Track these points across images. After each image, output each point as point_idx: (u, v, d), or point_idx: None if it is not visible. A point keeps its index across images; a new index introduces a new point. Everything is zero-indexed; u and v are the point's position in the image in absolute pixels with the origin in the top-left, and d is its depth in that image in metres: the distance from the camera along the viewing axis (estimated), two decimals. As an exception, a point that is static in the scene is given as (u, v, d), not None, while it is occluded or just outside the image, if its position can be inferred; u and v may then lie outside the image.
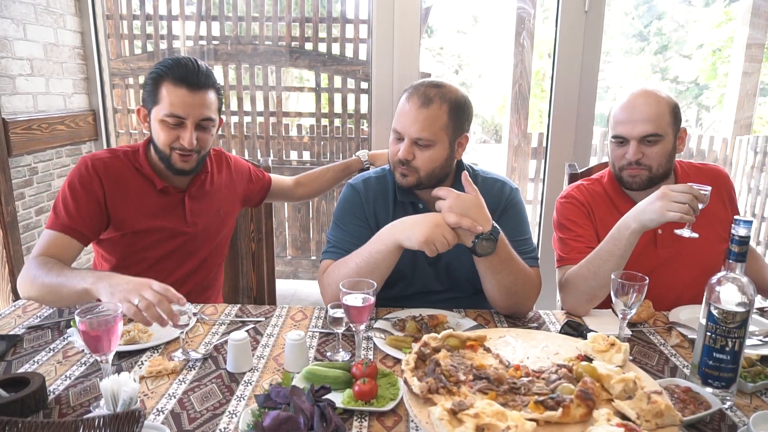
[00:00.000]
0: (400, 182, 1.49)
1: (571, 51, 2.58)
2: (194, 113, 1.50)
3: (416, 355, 0.97)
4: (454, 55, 14.35)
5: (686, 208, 1.34)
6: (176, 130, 1.51)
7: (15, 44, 2.14)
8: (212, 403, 1.07)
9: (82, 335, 1.01)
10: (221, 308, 1.52)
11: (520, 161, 4.09)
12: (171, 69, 1.48)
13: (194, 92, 1.49)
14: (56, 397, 1.09)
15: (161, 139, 1.52)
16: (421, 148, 1.43)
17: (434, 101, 1.40)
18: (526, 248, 1.53)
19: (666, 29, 11.90)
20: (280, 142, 3.63)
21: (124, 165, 1.59)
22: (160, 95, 1.49)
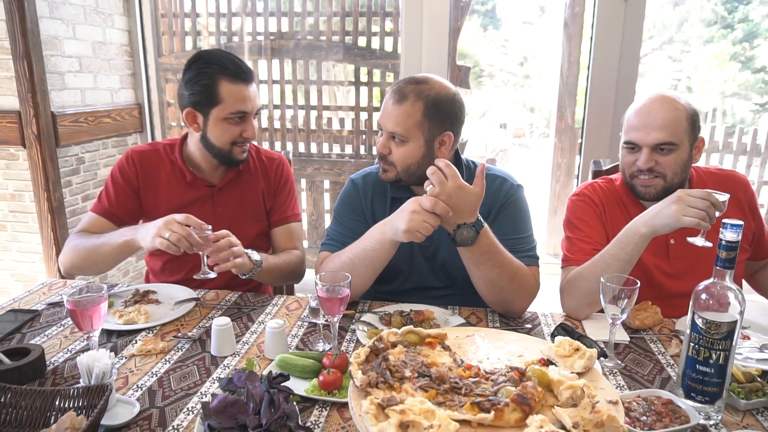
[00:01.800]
0: (381, 177, 1.51)
1: (609, 42, 2.46)
2: (254, 105, 1.59)
3: (369, 349, 0.98)
4: (519, 47, 13.97)
5: (703, 214, 1.26)
6: (240, 125, 1.59)
7: (65, 43, 2.32)
8: (188, 383, 1.13)
9: (69, 313, 1.10)
10: (222, 294, 1.59)
11: (567, 157, 3.93)
12: (223, 68, 1.53)
13: (249, 85, 1.57)
14: (54, 369, 1.19)
15: (225, 137, 1.58)
16: (397, 144, 1.44)
17: (408, 98, 1.40)
18: (523, 246, 1.49)
19: (754, 15, 10.96)
20: (320, 136, 3.71)
21: (160, 158, 1.70)
22: (219, 95, 1.54)
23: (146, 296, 1.53)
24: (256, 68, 3.61)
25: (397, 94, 1.42)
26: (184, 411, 1.04)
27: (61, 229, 2.31)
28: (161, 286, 1.60)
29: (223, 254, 1.42)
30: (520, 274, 1.41)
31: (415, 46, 2.57)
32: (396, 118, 1.41)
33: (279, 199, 1.79)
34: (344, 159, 3.75)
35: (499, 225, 1.49)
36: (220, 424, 0.90)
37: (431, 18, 2.53)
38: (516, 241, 1.49)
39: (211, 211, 1.69)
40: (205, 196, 1.69)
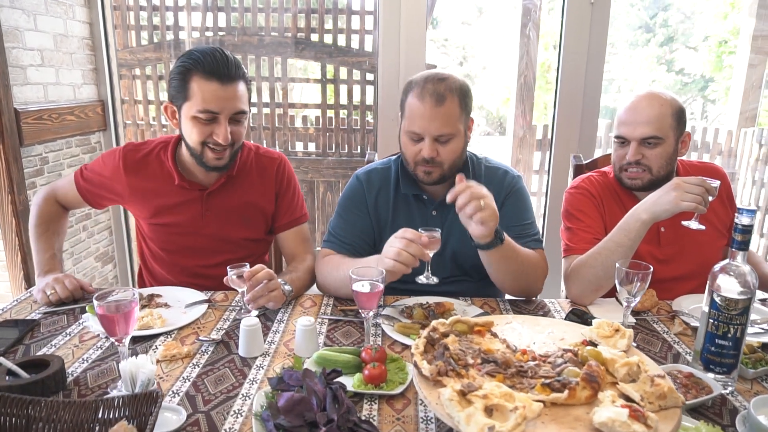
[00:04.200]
0: (425, 180, 1.50)
1: (577, 42, 2.58)
2: (228, 107, 1.44)
3: (425, 340, 1.00)
4: (459, 47, 14.29)
5: (699, 198, 1.37)
6: (209, 125, 1.46)
7: (26, 35, 2.16)
8: (226, 386, 1.10)
9: (99, 319, 1.04)
10: (232, 296, 1.55)
11: (525, 153, 4.10)
12: (200, 62, 1.42)
13: (226, 85, 1.43)
14: (75, 379, 1.12)
15: (194, 137, 1.47)
16: (443, 144, 1.45)
17: (446, 97, 1.42)
18: (529, 231, 1.57)
19: (672, 20, 11.82)
20: (285, 134, 3.65)
21: (151, 157, 1.61)
22: (190, 91, 1.43)
23: (153, 300, 1.47)
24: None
25: (434, 96, 1.41)
26: (231, 414, 1.01)
27: (26, 233, 2.15)
28: (165, 289, 1.54)
29: (259, 289, 1.36)
30: (535, 261, 1.49)
31: (393, 44, 2.59)
32: (441, 120, 1.42)
33: (284, 202, 1.71)
34: (310, 157, 3.71)
35: (505, 214, 1.56)
36: (290, 422, 0.89)
37: (409, 16, 2.56)
38: (522, 228, 1.56)
39: (200, 214, 1.62)
40: (195, 199, 1.61)
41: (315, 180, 3.73)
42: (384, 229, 1.60)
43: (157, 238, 1.66)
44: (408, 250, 1.29)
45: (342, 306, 1.49)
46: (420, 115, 1.43)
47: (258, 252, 1.76)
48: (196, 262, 1.66)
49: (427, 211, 1.59)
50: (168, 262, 1.68)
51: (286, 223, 1.72)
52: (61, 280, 1.46)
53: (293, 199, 1.73)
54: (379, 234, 1.62)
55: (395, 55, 2.60)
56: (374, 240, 1.62)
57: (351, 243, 1.59)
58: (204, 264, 1.66)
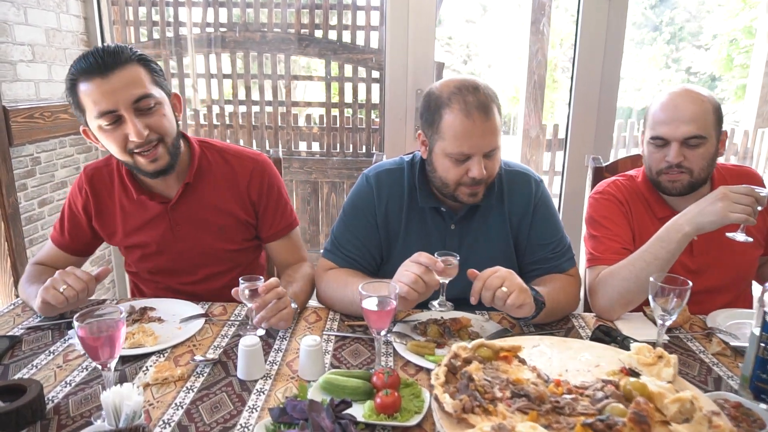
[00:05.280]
0: (469, 201, 1.38)
1: (594, 39, 2.47)
2: (122, 98, 1.24)
3: (446, 368, 0.89)
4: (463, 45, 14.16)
5: (749, 209, 1.26)
6: (119, 128, 1.27)
7: (16, 29, 2.05)
8: (222, 415, 0.99)
9: (81, 341, 0.93)
10: (231, 308, 1.44)
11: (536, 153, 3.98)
12: (78, 69, 1.26)
13: (110, 76, 1.24)
14: (55, 406, 1.01)
15: (114, 149, 1.31)
16: (490, 158, 1.33)
17: (492, 109, 1.29)
18: (562, 248, 1.47)
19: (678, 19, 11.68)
20: (289, 133, 3.54)
21: (112, 174, 1.48)
22: (81, 101, 1.27)
23: (145, 314, 1.36)
24: (219, 61, 3.40)
25: (481, 110, 1.27)
26: (228, 449, 0.91)
27: (17, 238, 2.05)
28: (159, 302, 1.43)
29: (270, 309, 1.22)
30: (569, 293, 1.41)
31: (401, 41, 2.48)
32: (492, 134, 1.30)
33: (267, 212, 1.54)
34: (314, 157, 3.60)
35: (535, 231, 1.46)
36: (294, 466, 0.78)
37: (417, 12, 2.44)
38: (555, 245, 1.45)
39: (169, 230, 1.47)
40: (161, 214, 1.46)
41: (319, 181, 3.62)
42: (394, 244, 1.48)
43: (134, 260, 1.54)
44: (424, 278, 1.17)
45: (349, 321, 1.38)
46: (469, 133, 1.28)
47: (245, 261, 1.61)
48: (179, 279, 1.54)
49: (445, 224, 1.46)
50: (151, 282, 1.57)
51: (273, 233, 1.57)
52: (70, 272, 1.24)
53: (278, 207, 1.55)
54: (387, 248, 1.49)
55: (403, 52, 2.49)
56: (381, 255, 1.50)
57: (355, 257, 1.47)
58: (187, 281, 1.54)
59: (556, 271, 1.46)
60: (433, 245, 1.45)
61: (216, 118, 3.48)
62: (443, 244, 1.46)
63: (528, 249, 1.48)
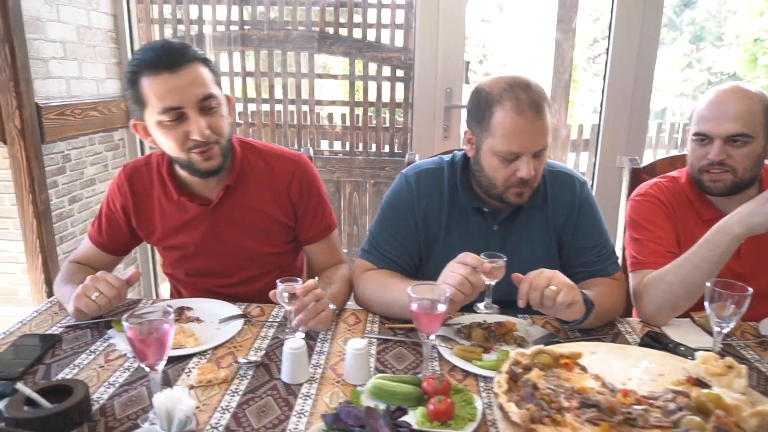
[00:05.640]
0: (516, 201, 1.34)
1: (628, 37, 2.42)
2: (189, 96, 1.24)
3: (507, 375, 0.86)
4: (479, 45, 14.08)
5: None
6: (180, 126, 1.26)
7: (48, 26, 2.05)
8: (270, 420, 0.97)
9: (130, 342, 0.91)
10: (268, 310, 1.41)
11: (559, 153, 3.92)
12: (143, 60, 1.24)
13: (178, 72, 1.23)
14: (101, 408, 0.99)
15: (171, 145, 1.28)
16: (539, 158, 1.29)
17: (544, 107, 1.26)
18: (607, 251, 1.43)
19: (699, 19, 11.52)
20: (312, 132, 3.52)
21: (152, 174, 1.45)
22: (144, 95, 1.25)
23: (183, 314, 1.34)
24: (242, 60, 3.39)
25: (533, 108, 1.23)
26: (280, 455, 0.88)
27: (48, 235, 2.05)
28: (195, 301, 1.41)
29: (311, 310, 1.19)
30: (614, 296, 1.36)
31: (430, 39, 2.44)
32: (543, 133, 1.26)
33: (308, 213, 1.50)
34: (337, 156, 3.58)
35: (580, 233, 1.43)
36: (356, 475, 0.75)
37: (448, 10, 2.41)
38: (599, 248, 1.42)
39: (210, 232, 1.44)
40: (201, 216, 1.43)
41: (342, 180, 3.59)
42: (433, 245, 1.45)
43: (172, 261, 1.52)
44: (471, 279, 1.14)
45: (390, 324, 1.35)
46: (521, 131, 1.24)
47: (285, 264, 1.58)
48: (217, 282, 1.51)
49: (487, 225, 1.43)
50: (188, 284, 1.55)
51: (312, 236, 1.53)
52: (101, 278, 1.22)
53: (317, 209, 1.52)
54: (426, 249, 1.46)
55: (432, 51, 2.46)
56: (420, 256, 1.47)
57: (394, 258, 1.44)
58: (225, 284, 1.51)
59: (601, 275, 1.42)
60: (475, 246, 1.41)
61: (239, 116, 3.47)
62: (485, 245, 1.42)
63: (572, 252, 1.44)
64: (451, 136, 2.55)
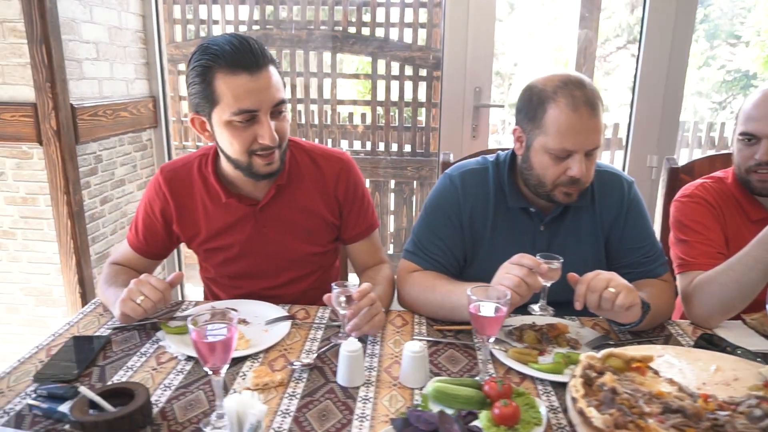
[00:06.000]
0: (565, 201, 1.32)
1: (660, 34, 2.39)
2: (266, 101, 1.22)
3: (582, 379, 0.84)
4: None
5: None
6: (250, 128, 1.23)
7: (82, 27, 2.05)
8: (333, 424, 0.96)
9: (195, 345, 0.90)
10: (312, 311, 1.40)
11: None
12: (219, 55, 1.19)
13: (256, 75, 1.20)
14: (161, 411, 0.98)
15: (236, 147, 1.25)
16: (590, 157, 1.27)
17: (597, 105, 1.24)
18: (655, 252, 1.41)
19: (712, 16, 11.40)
20: (333, 131, 3.52)
21: (193, 175, 1.43)
22: (216, 93, 1.21)
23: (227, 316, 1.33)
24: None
25: (588, 105, 1.22)
26: (348, 460, 0.87)
27: (82, 236, 2.05)
28: (239, 303, 1.40)
29: (365, 314, 1.18)
30: (665, 297, 1.34)
31: (459, 37, 2.42)
32: (596, 132, 1.24)
33: (351, 212, 1.49)
34: (359, 156, 3.57)
35: (628, 234, 1.41)
36: (438, 482, 0.74)
37: (478, 9, 2.39)
38: (647, 249, 1.40)
39: (256, 232, 1.43)
40: (247, 216, 1.41)
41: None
42: (479, 246, 1.43)
43: (215, 264, 1.50)
44: (527, 280, 1.12)
45: (438, 326, 1.34)
46: (575, 129, 1.23)
47: (327, 264, 1.57)
48: (260, 284, 1.49)
49: (534, 225, 1.41)
50: (230, 287, 1.52)
51: (356, 234, 1.52)
52: (144, 281, 1.20)
53: (361, 208, 1.50)
54: (472, 250, 1.44)
55: (462, 50, 2.44)
56: (465, 257, 1.46)
57: (439, 259, 1.43)
58: (269, 285, 1.49)
59: (650, 276, 1.40)
60: (521, 247, 1.39)
61: (261, 116, 3.46)
62: (531, 246, 1.41)
63: (620, 252, 1.42)
64: (479, 135, 2.53)
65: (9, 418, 0.96)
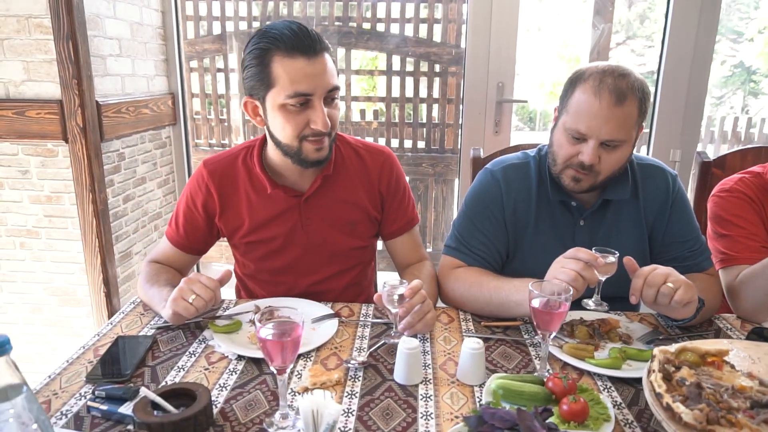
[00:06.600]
0: (572, 187, 1.31)
1: (685, 28, 2.38)
2: (321, 85, 1.22)
3: (661, 374, 0.83)
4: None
5: None
6: (303, 112, 1.24)
7: (106, 22, 2.02)
8: (398, 422, 0.94)
9: (262, 344, 0.89)
10: (355, 308, 1.39)
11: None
12: (278, 39, 1.20)
13: (313, 60, 1.21)
14: (221, 412, 0.97)
15: (288, 131, 1.25)
16: (609, 150, 1.25)
17: (628, 96, 1.21)
18: (699, 247, 1.40)
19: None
20: (348, 128, 3.49)
21: (237, 168, 1.42)
22: (272, 75, 1.21)
23: (273, 315, 1.31)
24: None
25: (615, 94, 1.20)
26: (420, 459, 0.85)
27: (107, 234, 2.02)
28: (280, 301, 1.38)
29: (417, 312, 1.16)
30: (714, 291, 1.33)
31: (483, 32, 2.41)
32: (616, 122, 1.22)
33: (393, 206, 1.49)
34: (373, 153, 3.56)
35: (673, 226, 1.39)
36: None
37: (500, 3, 2.37)
38: (692, 243, 1.39)
39: (300, 225, 1.42)
40: (292, 207, 1.40)
41: (379, 177, 3.56)
42: (521, 240, 1.42)
43: (256, 258, 1.47)
44: (584, 275, 1.11)
45: (486, 322, 1.32)
46: (592, 113, 1.22)
47: (367, 259, 1.56)
48: (303, 279, 1.47)
49: (573, 220, 1.40)
50: (270, 284, 1.50)
51: (397, 228, 1.51)
52: (195, 280, 1.18)
53: (402, 202, 1.50)
54: (514, 245, 1.43)
55: (485, 44, 2.42)
56: (508, 252, 1.45)
57: (483, 254, 1.41)
58: (311, 281, 1.47)
59: (695, 270, 1.39)
60: (562, 242, 1.39)
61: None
62: (572, 241, 1.40)
63: (664, 246, 1.41)
64: (501, 131, 2.51)
65: (68, 419, 0.94)
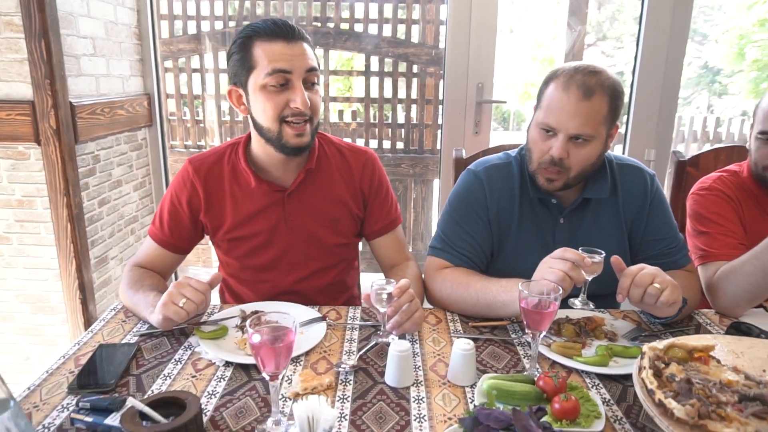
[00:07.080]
0: (546, 186, 1.34)
1: (657, 30, 2.43)
2: (299, 64, 1.26)
3: (652, 371, 0.84)
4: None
5: None
6: (283, 93, 1.26)
7: (80, 21, 1.96)
8: (392, 425, 0.94)
9: (254, 350, 0.87)
10: (342, 311, 1.38)
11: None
12: (259, 28, 1.27)
13: (292, 43, 1.26)
14: (211, 420, 0.95)
15: (268, 112, 1.28)
16: (578, 145, 1.28)
17: (596, 92, 1.24)
18: (678, 243, 1.43)
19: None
20: (326, 129, 3.47)
21: (223, 164, 1.42)
22: (254, 58, 1.27)
23: (261, 320, 1.29)
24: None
25: (582, 89, 1.23)
26: (416, 462, 0.85)
27: (82, 239, 1.96)
28: (266, 305, 1.36)
29: (405, 311, 1.16)
30: (694, 288, 1.37)
31: (462, 34, 2.42)
32: (585, 117, 1.24)
33: (375, 205, 1.50)
34: (352, 154, 3.54)
35: (652, 224, 1.42)
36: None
37: (480, 4, 2.39)
38: (670, 240, 1.42)
39: (283, 220, 1.42)
40: (275, 202, 1.41)
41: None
42: (505, 240, 1.44)
43: (239, 256, 1.46)
44: (571, 274, 1.12)
45: (474, 322, 1.33)
46: (560, 107, 1.26)
47: (350, 257, 1.57)
48: (287, 275, 1.47)
49: (553, 218, 1.42)
50: (254, 283, 1.49)
51: (380, 228, 1.52)
52: (185, 283, 1.16)
53: (385, 202, 1.52)
54: (498, 244, 1.45)
55: (464, 45, 2.43)
56: (492, 251, 1.46)
57: (469, 254, 1.42)
58: (295, 278, 1.47)
59: (674, 267, 1.42)
60: (543, 240, 1.41)
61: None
62: (553, 239, 1.42)
63: (643, 244, 1.44)
64: (481, 131, 2.53)
65: (50, 433, 0.90)
